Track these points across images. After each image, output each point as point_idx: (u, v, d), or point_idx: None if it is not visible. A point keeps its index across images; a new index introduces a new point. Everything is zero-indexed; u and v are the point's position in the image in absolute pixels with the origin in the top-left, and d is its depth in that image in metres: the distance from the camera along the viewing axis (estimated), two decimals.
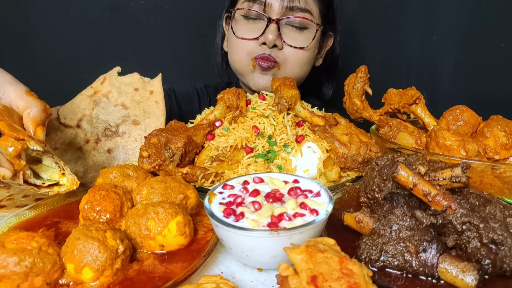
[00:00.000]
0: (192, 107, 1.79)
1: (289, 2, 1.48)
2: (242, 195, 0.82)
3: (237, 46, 1.59)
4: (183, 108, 1.76)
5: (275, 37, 1.47)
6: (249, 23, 1.55)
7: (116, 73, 1.28)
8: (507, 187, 1.01)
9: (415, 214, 0.73)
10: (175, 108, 1.73)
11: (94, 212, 0.81)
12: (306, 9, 1.51)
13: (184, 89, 1.83)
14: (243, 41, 1.54)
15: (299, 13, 1.50)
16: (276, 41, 1.48)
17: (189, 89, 1.85)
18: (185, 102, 1.79)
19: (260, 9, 1.50)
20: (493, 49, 2.26)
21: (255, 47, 1.53)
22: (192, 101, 1.83)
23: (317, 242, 0.63)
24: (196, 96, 1.85)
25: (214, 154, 1.13)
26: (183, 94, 1.80)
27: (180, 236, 0.76)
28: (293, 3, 1.48)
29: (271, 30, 1.47)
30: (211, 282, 0.60)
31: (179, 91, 1.79)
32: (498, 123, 1.12)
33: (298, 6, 1.49)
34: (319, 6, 1.57)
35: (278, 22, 1.48)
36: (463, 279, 0.65)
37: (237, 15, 1.58)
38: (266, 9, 1.49)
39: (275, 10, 1.48)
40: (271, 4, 1.48)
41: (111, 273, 0.67)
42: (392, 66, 2.36)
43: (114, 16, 2.22)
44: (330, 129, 1.17)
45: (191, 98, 1.84)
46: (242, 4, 1.55)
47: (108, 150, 1.21)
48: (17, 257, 0.63)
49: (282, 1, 1.47)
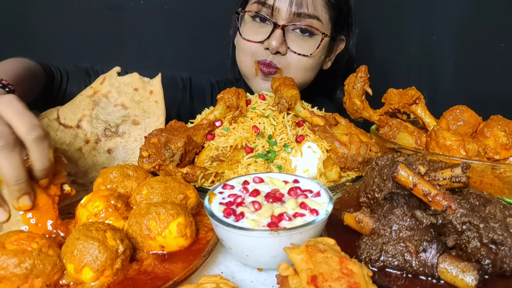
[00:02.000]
0: (203, 102, 1.76)
1: (297, 8, 1.45)
2: (242, 195, 0.82)
3: (243, 47, 1.58)
4: (194, 102, 1.74)
5: (278, 44, 1.46)
6: (257, 25, 1.54)
7: (116, 73, 1.28)
8: (507, 187, 1.01)
9: (415, 214, 0.73)
10: (186, 101, 1.72)
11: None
12: (314, 16, 1.48)
13: (200, 82, 1.81)
14: (249, 42, 1.54)
15: (307, 19, 1.48)
16: (279, 48, 1.47)
17: (203, 82, 1.83)
18: (198, 96, 1.77)
19: (268, 13, 1.49)
20: (493, 49, 2.25)
21: (259, 50, 1.52)
22: (205, 95, 1.81)
23: (317, 242, 0.63)
24: (210, 91, 1.83)
25: (214, 154, 1.13)
26: (198, 87, 1.78)
27: (181, 238, 0.75)
28: (301, 9, 1.46)
29: (275, 36, 1.46)
30: (211, 282, 0.60)
31: (195, 83, 1.77)
32: (498, 123, 1.12)
33: (306, 13, 1.46)
34: (330, 13, 1.54)
35: (284, 28, 1.47)
36: (463, 279, 0.65)
37: (246, 15, 1.57)
38: (273, 13, 1.47)
39: (283, 16, 1.46)
40: (279, 9, 1.46)
41: (111, 273, 0.67)
42: (392, 66, 2.36)
43: (114, 16, 2.22)
44: (330, 129, 1.17)
45: (204, 92, 1.82)
46: (251, 6, 1.53)
47: (108, 150, 1.21)
48: (17, 258, 0.63)
49: (290, 6, 1.45)
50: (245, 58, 1.58)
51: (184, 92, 1.72)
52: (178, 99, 1.35)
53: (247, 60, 1.57)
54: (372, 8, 2.25)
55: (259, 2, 1.49)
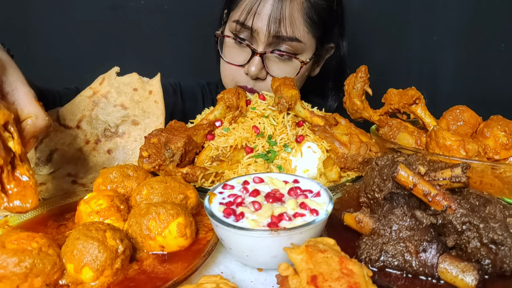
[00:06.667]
0: (196, 104, 1.78)
1: (276, 31, 1.42)
2: (242, 195, 0.82)
3: (225, 69, 1.59)
4: (187, 105, 1.75)
5: (257, 71, 1.46)
6: (237, 47, 1.53)
7: (115, 73, 1.28)
8: (507, 187, 1.01)
9: (415, 214, 0.73)
10: (179, 104, 1.72)
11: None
12: (294, 38, 1.45)
13: (190, 85, 1.82)
14: (230, 65, 1.53)
15: (286, 42, 1.45)
16: (259, 74, 1.47)
17: (194, 85, 1.85)
18: (190, 99, 1.78)
19: (248, 35, 1.47)
20: (493, 49, 2.26)
21: (240, 74, 1.53)
22: (197, 98, 1.83)
23: (317, 242, 0.63)
24: (200, 93, 1.85)
25: (214, 154, 1.13)
26: (189, 91, 1.80)
27: (181, 238, 0.75)
28: (280, 32, 1.42)
29: (254, 63, 1.46)
30: (211, 282, 0.60)
31: (185, 87, 1.79)
32: (498, 123, 1.12)
33: (285, 36, 1.43)
34: (312, 32, 1.50)
35: (263, 56, 1.46)
36: (463, 279, 0.65)
37: (227, 38, 1.55)
38: (253, 35, 1.45)
39: (262, 39, 1.44)
40: (258, 31, 1.44)
41: (111, 273, 0.67)
42: (392, 66, 2.36)
43: (114, 16, 2.22)
44: (330, 129, 1.17)
45: (195, 95, 1.83)
46: (231, 24, 1.51)
47: (108, 150, 1.20)
48: (17, 257, 0.63)
49: (268, 29, 1.42)
50: (226, 80, 1.59)
51: (176, 96, 1.73)
52: (170, 103, 1.36)
53: (228, 82, 1.59)
54: (372, 8, 2.26)
55: (238, 22, 1.47)
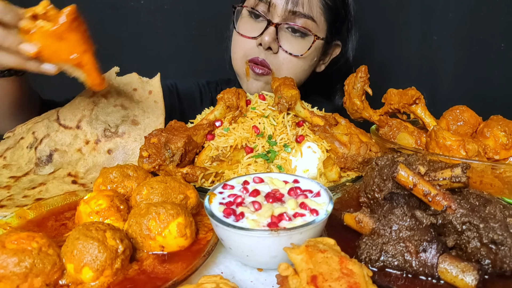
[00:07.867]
0: (194, 104, 1.78)
1: (292, 6, 1.46)
2: (242, 195, 0.82)
3: (237, 44, 1.59)
4: (184, 105, 1.75)
5: (271, 40, 1.47)
6: (252, 21, 1.55)
7: (115, 73, 1.28)
8: (507, 187, 1.01)
9: (415, 214, 0.73)
10: (176, 105, 1.73)
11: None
12: (309, 16, 1.48)
13: (186, 86, 1.82)
14: (243, 39, 1.54)
15: (301, 18, 1.48)
16: (271, 44, 1.48)
17: (191, 85, 1.85)
18: (187, 99, 1.79)
19: (265, 9, 1.49)
20: (493, 49, 2.25)
21: (252, 48, 1.53)
22: (194, 98, 1.83)
23: (317, 242, 0.63)
24: (198, 92, 1.85)
25: (214, 154, 1.13)
26: (185, 91, 1.80)
27: (181, 238, 0.75)
28: (296, 7, 1.46)
29: (268, 32, 1.47)
30: (211, 282, 0.60)
31: (181, 88, 1.79)
32: (498, 123, 1.12)
33: (301, 12, 1.47)
34: (325, 15, 1.54)
35: (277, 26, 1.47)
36: (463, 279, 0.65)
37: (244, 10, 1.58)
38: (270, 9, 1.48)
39: (278, 12, 1.47)
40: (275, 5, 1.47)
41: (111, 273, 0.67)
42: (392, 66, 2.36)
43: (114, 16, 2.22)
44: (330, 129, 1.17)
45: (193, 95, 1.83)
46: (249, 1, 1.54)
47: (108, 150, 1.20)
48: (17, 257, 0.63)
49: (286, 4, 1.45)
50: (237, 56, 1.59)
51: (172, 97, 1.73)
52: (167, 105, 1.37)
53: (238, 59, 1.59)
54: (372, 8, 2.25)
55: None
